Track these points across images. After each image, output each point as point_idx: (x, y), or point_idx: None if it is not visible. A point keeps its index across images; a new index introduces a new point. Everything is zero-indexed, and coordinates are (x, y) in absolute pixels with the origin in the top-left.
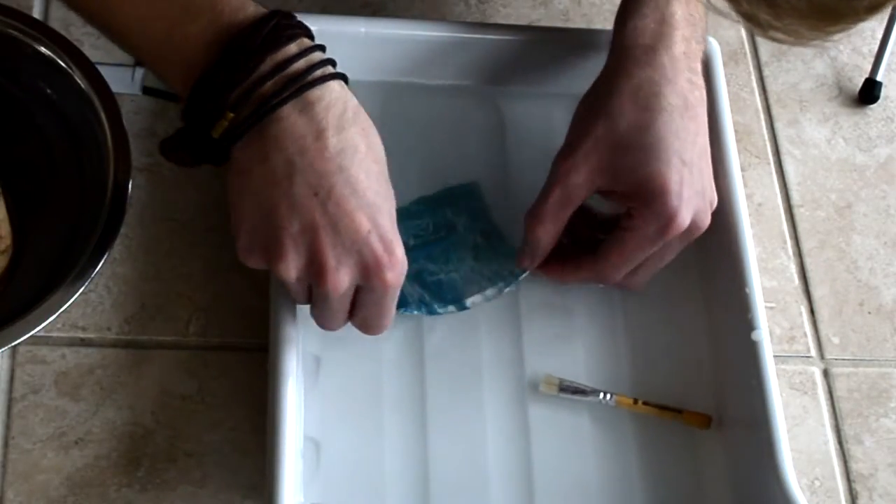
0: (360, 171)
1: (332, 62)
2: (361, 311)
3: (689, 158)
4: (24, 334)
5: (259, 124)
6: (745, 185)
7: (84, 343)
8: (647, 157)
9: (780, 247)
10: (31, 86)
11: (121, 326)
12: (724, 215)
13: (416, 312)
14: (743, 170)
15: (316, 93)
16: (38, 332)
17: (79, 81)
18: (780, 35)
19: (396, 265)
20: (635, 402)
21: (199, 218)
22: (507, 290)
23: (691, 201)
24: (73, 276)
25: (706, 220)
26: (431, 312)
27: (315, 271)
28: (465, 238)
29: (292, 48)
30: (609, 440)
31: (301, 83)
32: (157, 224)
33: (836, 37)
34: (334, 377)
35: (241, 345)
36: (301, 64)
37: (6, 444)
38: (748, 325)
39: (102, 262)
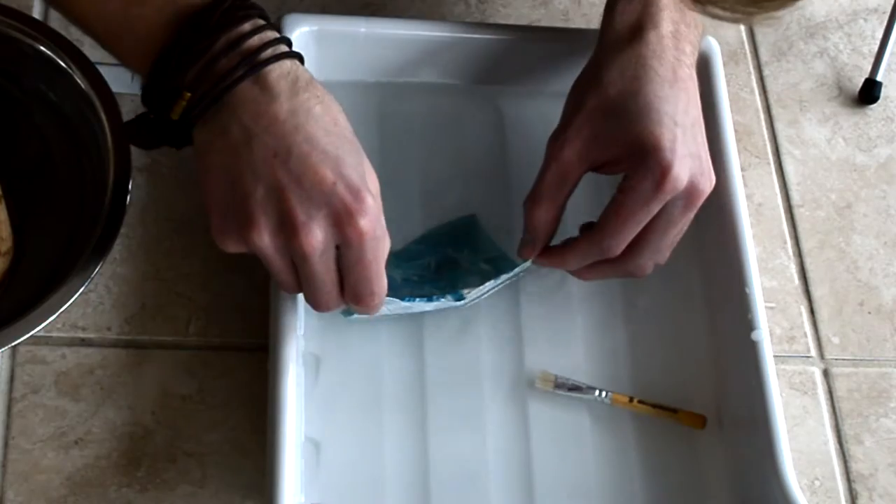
0: (318, 129)
1: (287, 41)
2: (348, 277)
3: (682, 122)
4: (24, 334)
5: (216, 103)
6: (745, 185)
7: (84, 343)
8: (638, 118)
9: (780, 247)
10: (30, 86)
11: (121, 326)
12: (724, 215)
13: (416, 301)
14: (743, 170)
15: (270, 68)
16: (38, 332)
17: (79, 81)
18: (717, 10)
19: (368, 211)
20: (631, 400)
21: (200, 218)
22: (508, 279)
23: (686, 160)
24: (73, 276)
25: (705, 185)
26: (430, 300)
27: (287, 232)
28: (470, 269)
29: (246, 27)
30: (609, 439)
31: (255, 60)
32: (158, 224)
33: (779, 13)
34: (334, 377)
35: (241, 345)
36: (255, 41)
37: (6, 444)
38: (748, 325)
39: (102, 262)
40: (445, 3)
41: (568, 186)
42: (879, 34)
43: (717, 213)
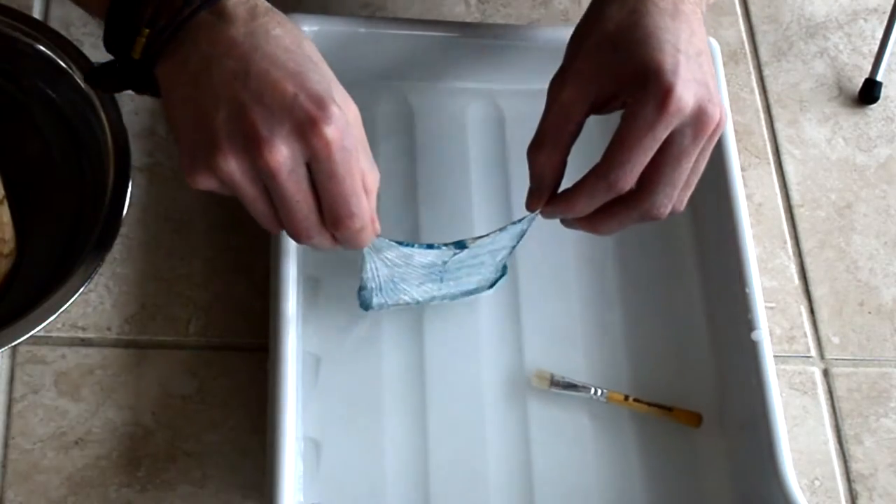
0: (278, 48)
1: None
2: (324, 198)
3: (685, 50)
4: (24, 334)
5: (175, 37)
6: (745, 185)
7: (84, 343)
8: (637, 47)
9: (780, 247)
10: (31, 86)
11: (121, 326)
12: (723, 215)
13: (416, 247)
14: (743, 170)
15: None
16: (38, 332)
17: (79, 81)
18: None
19: (333, 119)
20: (626, 398)
21: (200, 218)
22: (515, 234)
23: (690, 84)
24: (74, 276)
25: (714, 112)
26: (431, 247)
27: (251, 151)
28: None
29: None
30: (609, 438)
31: None
32: (157, 224)
33: None
34: (334, 377)
35: (241, 345)
36: None
37: (6, 445)
38: (748, 324)
39: (102, 262)
40: (445, 3)
41: (570, 128)
42: (879, 34)
43: (716, 212)
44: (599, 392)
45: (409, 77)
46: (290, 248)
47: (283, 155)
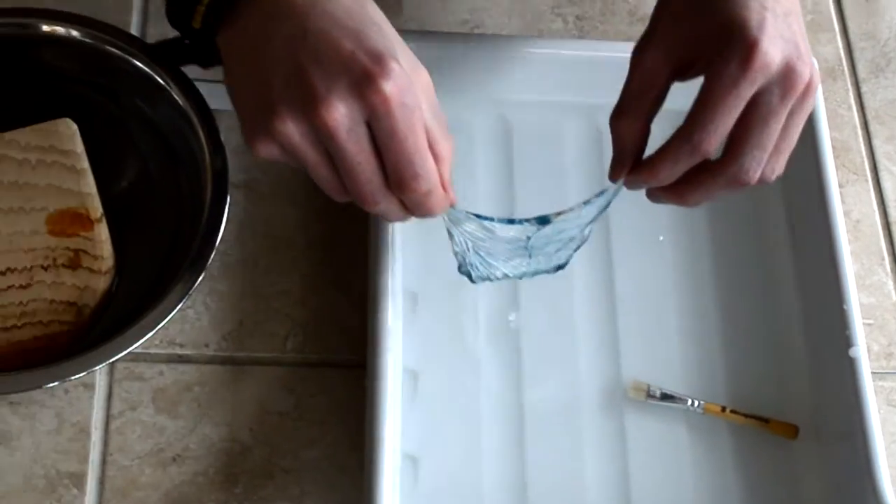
0: (337, 8)
1: None
2: (387, 158)
3: (772, 7)
4: (122, 351)
5: (235, 4)
6: (843, 202)
7: (182, 360)
8: (723, 6)
9: (877, 263)
10: (128, 103)
11: (218, 343)
12: (821, 231)
13: (496, 221)
14: (840, 186)
15: None
16: (136, 348)
17: (176, 98)
18: None
19: (392, 75)
20: (723, 409)
21: (298, 234)
22: (599, 206)
23: (777, 41)
24: (171, 293)
25: (804, 70)
26: (512, 222)
27: (309, 112)
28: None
29: None
30: (706, 450)
31: None
32: (255, 240)
33: None
34: (431, 393)
35: (338, 361)
36: None
37: (104, 461)
38: (846, 341)
39: (200, 278)
40: (543, 20)
41: (653, 94)
42: None
43: (814, 229)
44: (696, 403)
45: (506, 92)
46: (389, 263)
47: (340, 113)
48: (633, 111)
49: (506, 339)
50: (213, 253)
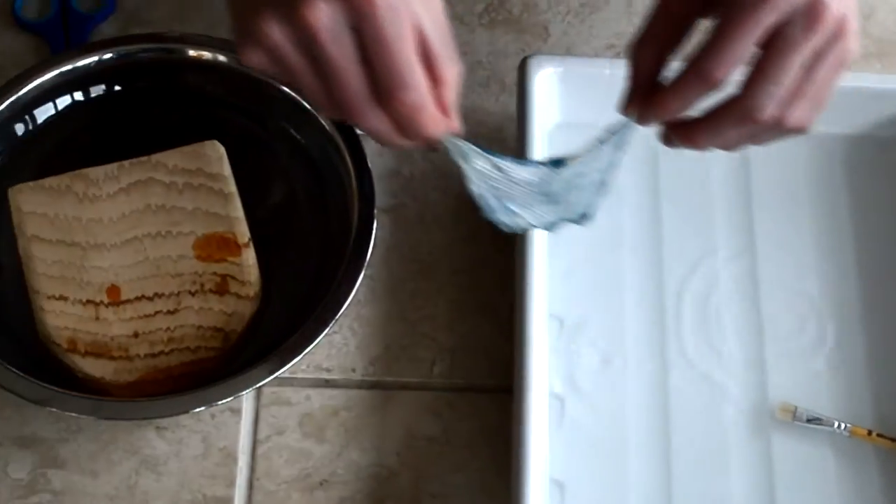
0: None
1: None
2: (374, 66)
3: None
4: (269, 376)
5: None
6: None
7: (328, 384)
8: None
9: None
10: (276, 128)
11: (365, 368)
12: None
13: (508, 160)
14: None
15: None
16: (283, 373)
17: (323, 122)
18: None
19: None
20: (870, 433)
21: (445, 259)
22: (612, 143)
23: None
24: (318, 318)
25: (837, 7)
26: (524, 163)
27: (293, 11)
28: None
29: None
30: (852, 474)
31: None
32: (402, 265)
33: None
34: (578, 419)
35: (485, 386)
36: None
37: (251, 486)
38: None
39: (347, 303)
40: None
41: (669, 22)
42: None
43: None
44: (843, 426)
45: None
46: (535, 286)
47: (323, 13)
48: (649, 41)
49: (652, 360)
50: (361, 277)
